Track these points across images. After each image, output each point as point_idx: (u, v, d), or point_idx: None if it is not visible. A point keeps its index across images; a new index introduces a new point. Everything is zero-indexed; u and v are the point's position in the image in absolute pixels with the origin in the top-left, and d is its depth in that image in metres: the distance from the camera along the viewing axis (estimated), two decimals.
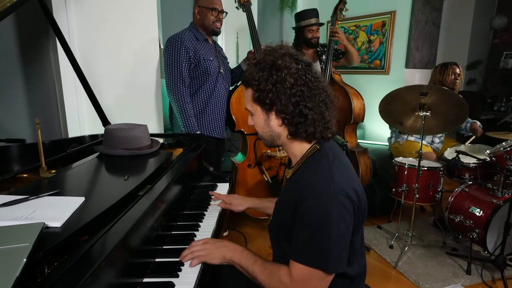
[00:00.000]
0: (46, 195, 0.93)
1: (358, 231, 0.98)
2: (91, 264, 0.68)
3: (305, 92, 0.95)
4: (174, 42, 2.10)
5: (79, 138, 1.67)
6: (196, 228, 1.23)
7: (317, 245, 0.87)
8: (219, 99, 2.27)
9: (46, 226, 0.75)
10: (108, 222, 0.84)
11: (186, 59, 2.10)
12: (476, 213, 2.12)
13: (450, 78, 2.73)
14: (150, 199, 1.02)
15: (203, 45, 2.19)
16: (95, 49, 2.09)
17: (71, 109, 2.07)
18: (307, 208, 0.89)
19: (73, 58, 1.63)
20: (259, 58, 0.99)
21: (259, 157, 2.44)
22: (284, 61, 0.95)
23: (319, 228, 0.87)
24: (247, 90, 1.02)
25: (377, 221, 2.84)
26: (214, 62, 2.20)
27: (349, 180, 0.94)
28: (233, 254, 1.02)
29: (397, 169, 2.49)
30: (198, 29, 2.19)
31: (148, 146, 1.46)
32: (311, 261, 0.88)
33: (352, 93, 2.67)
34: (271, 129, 1.01)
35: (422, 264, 2.24)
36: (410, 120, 2.40)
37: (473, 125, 2.83)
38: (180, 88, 2.10)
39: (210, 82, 2.20)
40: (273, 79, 0.94)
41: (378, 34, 3.92)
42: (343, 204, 0.88)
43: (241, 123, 2.38)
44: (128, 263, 0.84)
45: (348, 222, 0.90)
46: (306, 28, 2.69)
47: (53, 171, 1.21)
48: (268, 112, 0.99)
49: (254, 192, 2.46)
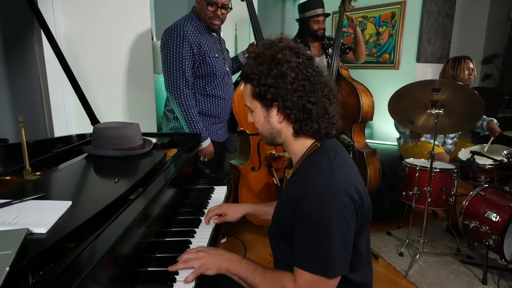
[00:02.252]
0: (30, 199, 0.93)
1: (362, 234, 0.99)
2: (79, 273, 0.67)
3: (307, 87, 0.96)
4: (175, 34, 1.91)
5: (66, 137, 1.66)
6: (191, 234, 1.23)
7: (320, 248, 0.88)
8: (226, 100, 2.14)
9: (30, 232, 0.75)
10: (97, 228, 0.84)
11: (190, 55, 1.93)
12: (493, 218, 2.12)
13: (464, 74, 2.70)
14: (142, 203, 1.02)
15: (206, 39, 2.02)
16: (83, 42, 2.09)
17: (57, 107, 2.07)
18: (306, 208, 0.90)
19: (59, 51, 1.63)
20: (258, 52, 1.00)
21: (264, 159, 2.43)
22: (284, 54, 0.96)
23: (320, 228, 0.88)
24: (246, 85, 1.03)
25: (386, 227, 2.84)
26: (219, 60, 2.06)
27: (351, 178, 0.96)
28: (229, 264, 1.02)
29: (407, 171, 2.49)
30: (200, 20, 2.02)
31: (140, 146, 1.46)
32: (316, 266, 0.89)
33: (361, 89, 2.67)
34: (271, 126, 1.03)
35: (434, 273, 2.24)
36: (421, 119, 2.40)
37: (491, 123, 2.79)
38: (183, 90, 1.94)
39: (216, 83, 2.06)
40: (274, 73, 0.95)
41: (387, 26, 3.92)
42: (344, 202, 0.90)
43: (243, 122, 2.36)
44: (118, 272, 0.84)
45: (349, 221, 0.91)
46: (312, 19, 2.69)
47: (38, 173, 1.21)
48: (268, 109, 1.01)
49: (261, 197, 2.45)
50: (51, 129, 2.10)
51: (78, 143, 1.58)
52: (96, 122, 1.74)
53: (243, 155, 2.54)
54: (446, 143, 2.91)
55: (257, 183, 2.46)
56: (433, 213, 3.15)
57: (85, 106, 1.73)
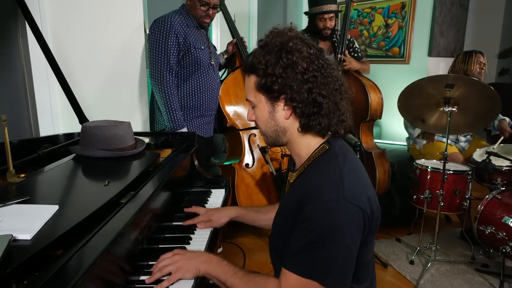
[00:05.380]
0: (14, 203, 0.93)
1: (368, 243, 0.98)
2: (66, 282, 0.67)
3: (319, 79, 0.95)
4: (162, 25, 2.10)
5: (52, 137, 1.67)
6: (187, 241, 1.23)
7: (317, 254, 0.87)
8: (210, 94, 2.29)
9: (14, 239, 0.75)
10: (86, 234, 0.84)
11: (175, 45, 2.11)
12: (510, 223, 2.11)
13: (475, 68, 2.76)
14: (134, 207, 1.02)
15: (193, 32, 2.21)
16: (71, 35, 2.09)
17: (43, 104, 2.07)
18: (309, 213, 0.89)
19: (45, 45, 1.63)
20: (266, 40, 0.98)
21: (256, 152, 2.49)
22: (295, 43, 0.95)
23: (321, 237, 0.87)
24: (250, 77, 1.00)
25: (396, 233, 2.84)
26: (205, 52, 2.23)
27: (361, 187, 0.95)
28: (208, 265, 1.01)
29: (418, 173, 2.49)
30: (189, 15, 2.21)
31: (132, 146, 1.46)
32: (308, 271, 0.87)
33: (369, 85, 2.67)
34: (277, 123, 1.00)
35: (447, 283, 2.24)
36: (433, 117, 2.40)
37: (502, 123, 2.82)
38: (166, 77, 2.10)
39: (199, 74, 2.22)
40: (283, 62, 0.93)
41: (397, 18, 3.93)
42: (351, 213, 0.89)
43: (232, 118, 2.42)
44: (108, 281, 0.84)
45: (354, 234, 0.90)
46: (318, 16, 2.68)
47: (22, 175, 1.21)
48: (274, 102, 0.98)
49: (258, 193, 2.50)
50: (36, 128, 2.10)
51: (65, 143, 1.58)
52: (85, 120, 1.74)
53: (234, 154, 2.58)
54: (459, 140, 2.91)
55: (253, 179, 2.51)
56: (446, 218, 3.15)
57: (72, 104, 1.73)
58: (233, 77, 2.51)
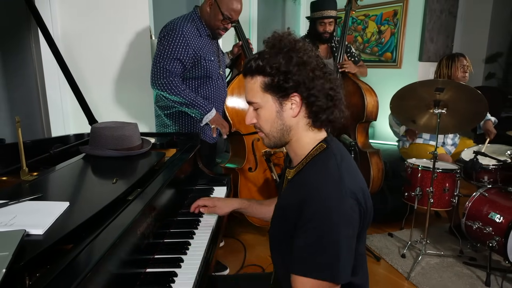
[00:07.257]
0: (27, 200, 0.93)
1: (361, 237, 0.98)
2: (76, 275, 0.67)
3: (327, 75, 0.97)
4: (173, 33, 1.92)
5: (63, 137, 1.67)
6: (191, 235, 1.23)
7: (325, 254, 0.87)
8: (218, 103, 2.18)
9: (27, 234, 0.75)
10: (95, 230, 0.84)
11: (184, 56, 1.94)
12: (496, 219, 2.12)
13: (459, 72, 2.67)
14: (140, 204, 1.02)
15: (205, 42, 2.05)
16: (81, 40, 2.09)
17: (55, 106, 2.07)
18: (312, 214, 0.88)
19: (57, 50, 1.63)
20: (273, 42, 0.98)
21: (261, 156, 2.45)
22: (303, 44, 0.97)
23: (327, 235, 0.86)
24: (255, 78, 0.98)
25: (388, 228, 2.84)
26: (215, 63, 2.10)
27: (358, 182, 0.95)
28: None
29: (409, 171, 2.49)
30: (202, 22, 2.04)
31: (139, 146, 1.46)
32: (320, 273, 0.87)
33: (365, 88, 2.67)
34: (283, 122, 0.98)
35: (437, 275, 2.24)
36: (424, 118, 2.40)
37: (487, 124, 2.77)
38: (172, 80, 1.93)
39: (208, 85, 2.10)
40: (296, 61, 0.94)
41: (389, 24, 3.92)
42: (352, 208, 0.89)
43: (237, 123, 2.37)
44: (116, 274, 0.84)
45: (355, 227, 0.90)
46: (319, 20, 2.68)
47: (35, 174, 1.20)
48: (282, 101, 0.97)
49: (261, 196, 2.46)
50: (48, 129, 2.10)
51: (75, 143, 1.58)
52: (94, 121, 1.74)
53: (237, 157, 2.54)
54: (446, 143, 2.89)
55: (256, 183, 2.48)
56: (435, 214, 3.15)
57: (82, 106, 1.72)
58: (238, 81, 2.42)
